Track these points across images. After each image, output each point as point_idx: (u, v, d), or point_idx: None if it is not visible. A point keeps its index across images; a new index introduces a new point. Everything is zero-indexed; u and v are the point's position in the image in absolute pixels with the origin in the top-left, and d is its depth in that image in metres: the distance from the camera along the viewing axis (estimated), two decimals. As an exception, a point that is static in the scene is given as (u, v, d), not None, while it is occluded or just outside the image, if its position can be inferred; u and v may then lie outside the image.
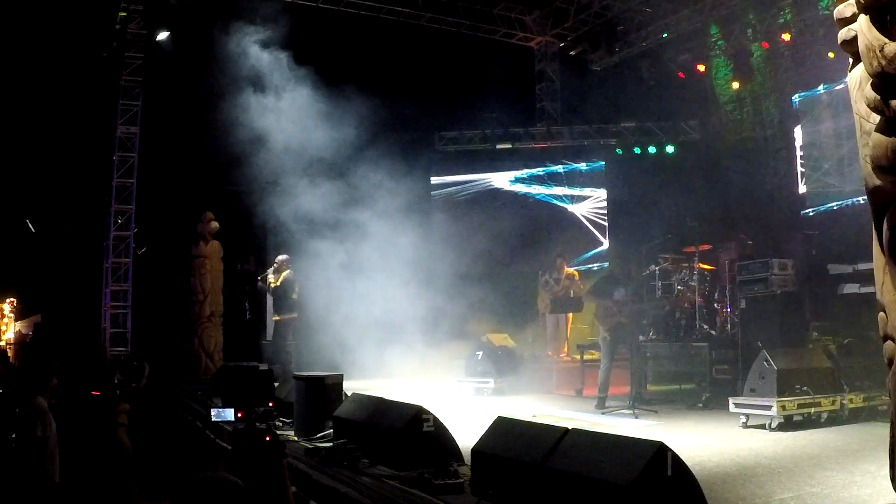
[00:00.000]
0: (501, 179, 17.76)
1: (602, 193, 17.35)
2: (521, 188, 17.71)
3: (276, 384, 8.21)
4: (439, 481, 4.55)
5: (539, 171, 17.67)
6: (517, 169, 17.72)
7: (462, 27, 16.49)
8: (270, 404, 3.82)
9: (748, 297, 9.35)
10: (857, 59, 2.94)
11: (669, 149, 17.05)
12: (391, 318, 13.36)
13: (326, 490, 4.88)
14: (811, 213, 13.71)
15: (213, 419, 3.99)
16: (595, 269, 16.53)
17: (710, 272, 10.97)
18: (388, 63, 14.98)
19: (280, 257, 12.67)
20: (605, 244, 17.07)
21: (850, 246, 11.59)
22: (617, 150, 17.62)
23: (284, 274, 12.44)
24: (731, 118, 15.96)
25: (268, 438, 3.51)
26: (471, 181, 17.88)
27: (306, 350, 13.98)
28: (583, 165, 17.53)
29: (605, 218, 17.29)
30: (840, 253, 11.96)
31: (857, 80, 2.97)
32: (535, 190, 17.63)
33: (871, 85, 2.82)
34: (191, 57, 13.68)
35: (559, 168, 17.63)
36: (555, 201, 17.56)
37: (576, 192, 17.45)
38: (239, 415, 3.81)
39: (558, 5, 16.83)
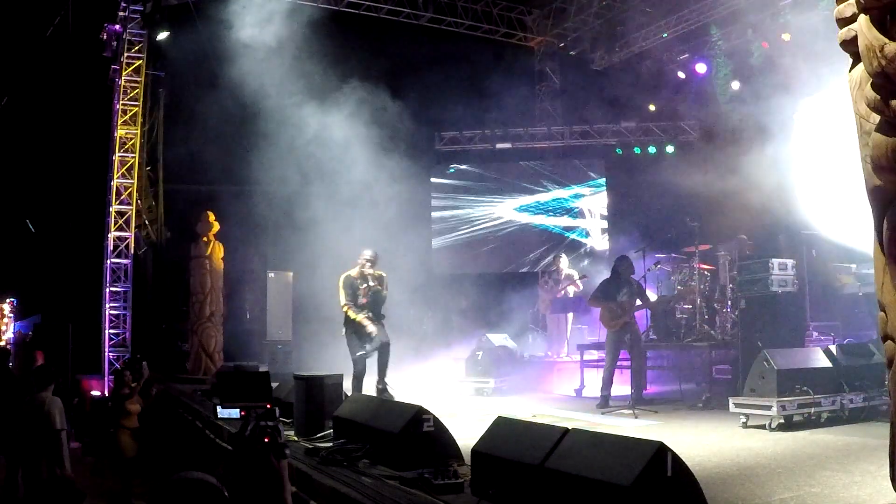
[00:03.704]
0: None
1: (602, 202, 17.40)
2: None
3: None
4: (439, 481, 4.55)
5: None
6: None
7: (462, 27, 16.49)
8: (269, 405, 3.80)
9: (748, 297, 9.35)
10: (857, 59, 2.94)
11: (669, 149, 17.06)
12: (391, 318, 13.36)
13: (326, 490, 4.87)
14: (811, 213, 13.71)
15: (220, 416, 4.01)
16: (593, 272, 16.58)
17: (710, 272, 10.97)
18: (388, 63, 14.99)
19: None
20: (602, 247, 17.11)
21: (849, 246, 11.60)
22: (617, 150, 17.63)
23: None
24: (731, 118, 15.95)
25: (266, 440, 3.49)
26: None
27: (307, 350, 14.01)
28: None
29: (605, 223, 17.33)
30: (840, 253, 11.97)
31: (857, 80, 2.96)
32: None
33: (871, 85, 2.82)
34: (191, 57, 13.68)
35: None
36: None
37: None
38: (242, 414, 3.81)
39: (558, 5, 16.84)
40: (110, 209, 14.98)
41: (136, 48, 14.95)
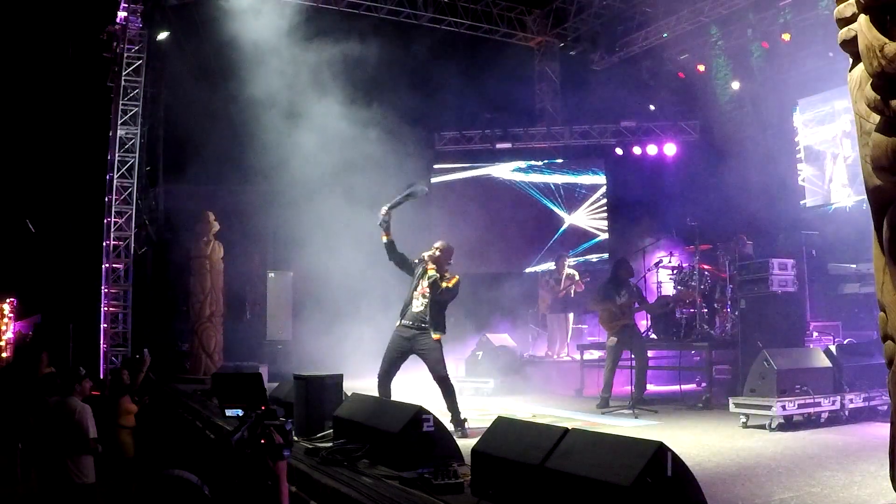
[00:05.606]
0: (502, 170, 17.84)
1: (601, 192, 17.43)
2: (520, 176, 17.81)
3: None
4: (439, 481, 4.55)
5: (539, 163, 17.79)
6: (518, 159, 17.84)
7: (462, 27, 16.50)
8: (263, 408, 3.80)
9: (748, 297, 9.35)
10: (857, 59, 2.93)
11: (669, 149, 17.06)
12: (391, 317, 13.35)
13: (326, 490, 4.88)
14: (811, 213, 13.72)
15: (227, 415, 4.04)
16: (594, 260, 16.56)
17: (710, 272, 10.97)
18: (388, 63, 14.99)
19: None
20: (604, 234, 17.13)
21: (850, 246, 11.61)
22: (617, 149, 17.63)
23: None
24: (731, 118, 15.95)
25: (262, 441, 3.48)
26: (471, 166, 17.98)
27: (307, 350, 13.98)
28: (583, 177, 17.63)
29: (604, 218, 17.34)
30: (840, 253, 11.98)
31: (857, 80, 2.96)
32: (535, 178, 17.71)
33: (871, 85, 2.81)
34: (191, 56, 13.69)
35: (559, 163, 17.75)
36: (551, 205, 17.60)
37: (574, 180, 17.55)
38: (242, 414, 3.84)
39: (558, 5, 16.84)
40: (110, 209, 14.97)
41: (136, 48, 14.93)
